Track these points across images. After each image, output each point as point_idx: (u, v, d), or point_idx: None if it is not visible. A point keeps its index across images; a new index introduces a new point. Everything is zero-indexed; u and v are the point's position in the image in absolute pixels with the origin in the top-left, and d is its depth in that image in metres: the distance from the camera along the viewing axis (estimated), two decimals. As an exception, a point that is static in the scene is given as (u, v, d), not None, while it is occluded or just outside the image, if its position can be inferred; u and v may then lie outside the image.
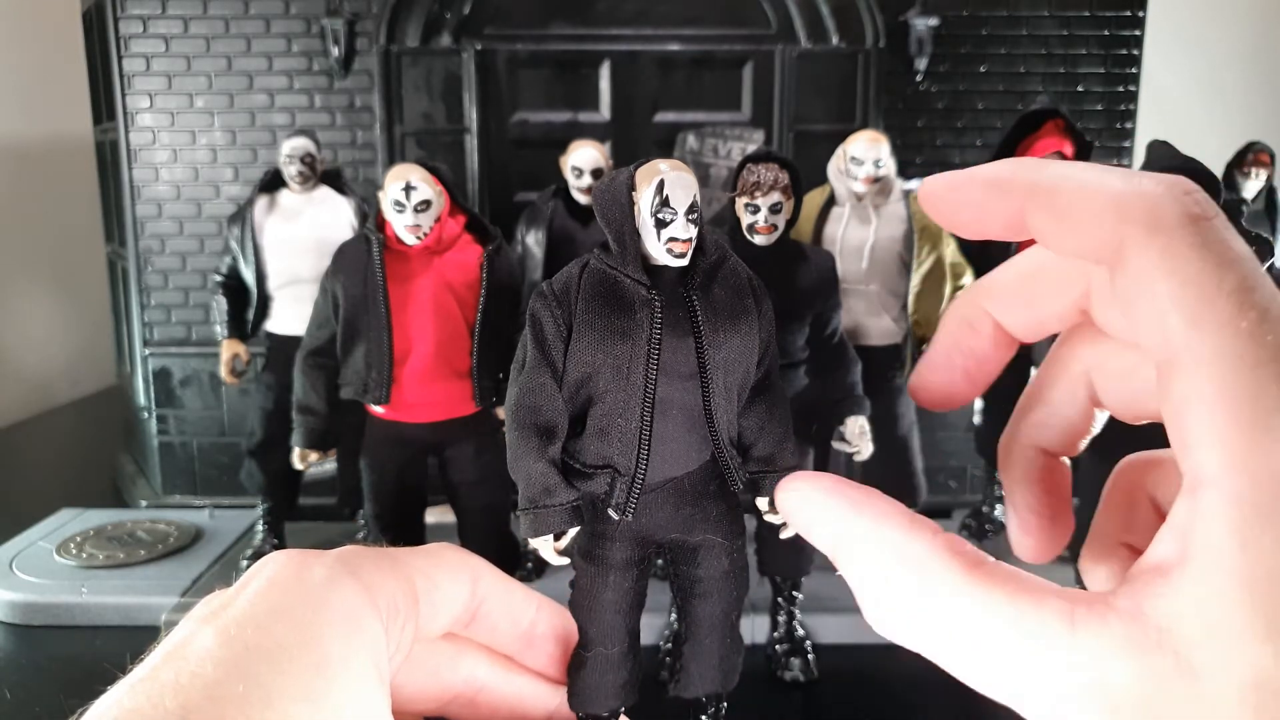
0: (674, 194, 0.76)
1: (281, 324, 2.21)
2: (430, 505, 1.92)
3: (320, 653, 0.41)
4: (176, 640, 0.41)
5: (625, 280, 0.76)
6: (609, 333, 0.74)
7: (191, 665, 0.38)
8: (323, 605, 0.43)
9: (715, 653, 0.79)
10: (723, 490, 0.80)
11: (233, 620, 0.41)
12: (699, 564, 0.82)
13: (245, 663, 0.38)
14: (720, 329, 0.76)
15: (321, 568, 0.45)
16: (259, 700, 0.37)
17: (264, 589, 0.43)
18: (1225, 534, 0.30)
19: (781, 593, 1.94)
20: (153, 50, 2.65)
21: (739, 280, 0.80)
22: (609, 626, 0.78)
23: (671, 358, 0.75)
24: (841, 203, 2.03)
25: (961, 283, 2.13)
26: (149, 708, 0.36)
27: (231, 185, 2.71)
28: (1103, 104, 2.70)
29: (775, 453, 0.81)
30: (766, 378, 0.82)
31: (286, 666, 0.39)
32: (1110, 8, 2.65)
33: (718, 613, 0.82)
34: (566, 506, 0.76)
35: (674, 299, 0.77)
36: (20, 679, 1.87)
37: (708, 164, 2.64)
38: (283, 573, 0.44)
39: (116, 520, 2.53)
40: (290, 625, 0.41)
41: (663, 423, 0.76)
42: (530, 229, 2.20)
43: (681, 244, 0.75)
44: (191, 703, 0.36)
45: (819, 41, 2.63)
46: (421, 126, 2.67)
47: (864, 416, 1.80)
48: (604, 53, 2.66)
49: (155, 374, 2.81)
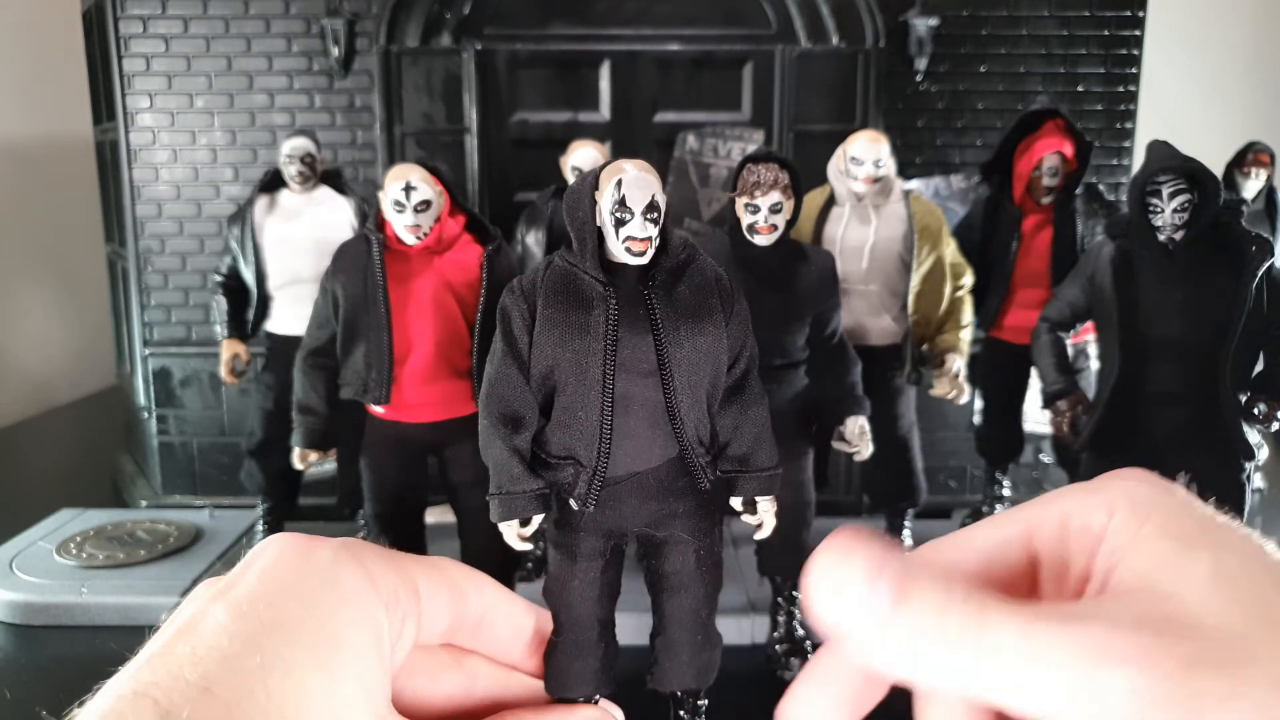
0: (631, 194, 0.77)
1: (281, 324, 2.21)
2: (430, 505, 1.92)
3: (331, 626, 0.42)
4: (186, 617, 0.42)
5: (584, 277, 0.78)
6: (567, 328, 0.76)
7: (207, 639, 0.39)
8: (330, 583, 0.44)
9: (685, 647, 0.80)
10: (691, 487, 0.81)
11: (244, 597, 0.42)
12: (665, 559, 0.83)
13: (260, 636, 0.40)
14: (681, 327, 0.77)
15: (327, 550, 0.46)
16: (277, 670, 0.38)
17: (271, 567, 0.44)
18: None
19: (781, 593, 1.94)
20: (153, 50, 2.65)
21: (705, 280, 0.80)
22: (578, 613, 0.80)
23: (630, 354, 0.77)
24: (841, 203, 2.03)
25: (961, 283, 2.13)
26: (168, 680, 0.37)
27: (231, 185, 2.71)
28: (1103, 104, 2.70)
29: (749, 453, 0.81)
30: (743, 379, 0.82)
31: (299, 639, 0.40)
32: (1110, 8, 2.65)
33: (685, 608, 0.83)
34: (531, 494, 0.79)
35: (632, 297, 0.78)
36: (20, 679, 1.87)
37: (708, 164, 2.64)
38: (289, 553, 0.45)
39: (116, 520, 2.53)
40: (300, 601, 0.42)
41: (624, 418, 0.78)
42: (530, 229, 2.20)
43: (639, 243, 0.77)
44: (211, 674, 0.37)
45: (819, 41, 2.63)
46: (421, 126, 2.67)
47: (864, 416, 1.80)
48: (604, 53, 2.66)
49: (155, 374, 2.81)
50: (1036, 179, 2.16)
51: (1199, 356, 1.61)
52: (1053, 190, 2.16)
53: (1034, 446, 2.69)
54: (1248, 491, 1.67)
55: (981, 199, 2.31)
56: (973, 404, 2.40)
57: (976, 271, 2.17)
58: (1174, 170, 1.57)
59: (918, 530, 2.32)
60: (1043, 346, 1.88)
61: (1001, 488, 2.47)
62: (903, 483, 2.19)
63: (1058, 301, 1.87)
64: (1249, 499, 1.67)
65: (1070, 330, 1.89)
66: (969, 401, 2.22)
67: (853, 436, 1.79)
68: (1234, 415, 1.60)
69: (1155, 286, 1.64)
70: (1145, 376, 1.66)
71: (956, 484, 2.82)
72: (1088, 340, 2.14)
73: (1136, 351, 1.66)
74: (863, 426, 1.80)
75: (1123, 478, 0.46)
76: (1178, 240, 1.60)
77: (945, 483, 2.80)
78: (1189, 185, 1.57)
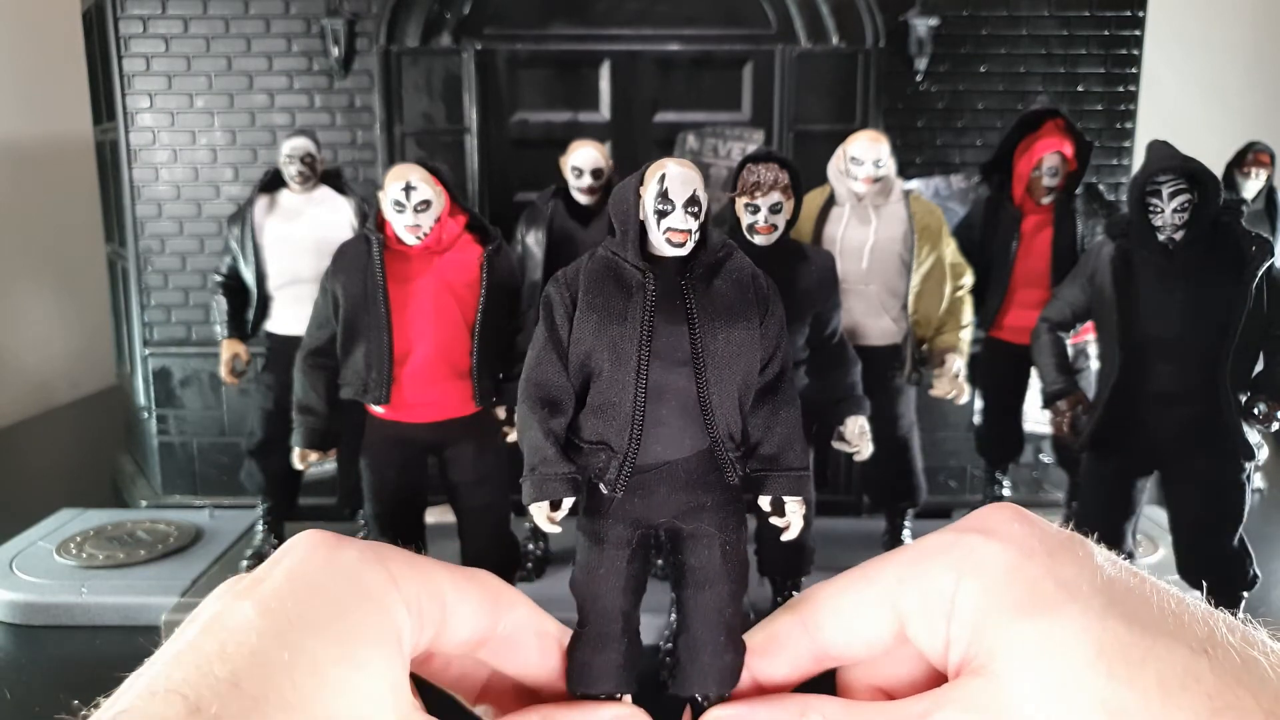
0: (673, 187, 0.80)
1: (281, 324, 2.21)
2: (430, 505, 1.92)
3: (355, 624, 0.43)
4: (211, 614, 0.42)
5: (625, 266, 0.80)
6: (605, 314, 0.79)
7: (236, 636, 0.40)
8: (355, 583, 0.45)
9: (708, 648, 0.80)
10: (720, 481, 0.82)
11: (271, 594, 0.43)
12: (692, 552, 0.84)
13: (287, 633, 0.40)
14: (716, 320, 0.79)
15: (353, 550, 0.47)
16: (304, 667, 0.39)
17: (299, 566, 0.45)
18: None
19: (781, 593, 1.94)
20: (153, 50, 2.65)
21: (743, 277, 0.82)
22: (604, 604, 0.81)
23: (665, 343, 0.79)
24: (841, 203, 2.03)
25: (961, 283, 2.13)
26: (197, 676, 0.37)
27: (231, 185, 2.71)
28: (1103, 104, 2.70)
29: (779, 453, 0.82)
30: (778, 379, 0.84)
31: (326, 636, 0.41)
32: (1110, 8, 2.65)
33: (710, 605, 0.83)
34: (564, 476, 0.80)
35: (670, 287, 0.80)
36: (20, 679, 1.87)
37: (708, 164, 2.64)
38: (317, 552, 0.46)
39: (116, 520, 2.53)
40: (327, 599, 0.43)
41: (656, 406, 0.79)
42: (530, 229, 2.20)
43: (679, 234, 0.80)
44: (240, 669, 0.38)
45: (819, 41, 2.63)
46: (421, 126, 2.67)
47: (864, 416, 1.80)
48: (604, 53, 2.66)
49: (155, 374, 2.81)
50: (1036, 179, 2.16)
51: (1199, 356, 1.61)
52: (1053, 190, 2.16)
53: (1034, 446, 2.70)
54: (1248, 491, 1.67)
55: (981, 199, 2.31)
56: (973, 404, 2.40)
57: (976, 271, 2.17)
58: (1174, 170, 1.57)
59: (918, 530, 2.32)
60: (1043, 346, 1.88)
61: (1001, 488, 2.47)
62: (903, 483, 2.19)
63: (1058, 301, 1.87)
64: (1249, 499, 1.67)
65: (1070, 330, 1.89)
66: (969, 401, 2.22)
67: (853, 436, 1.79)
68: (1234, 415, 1.60)
69: (1155, 286, 1.64)
70: (1145, 376, 1.66)
71: (956, 484, 2.82)
72: (1088, 340, 2.14)
73: (1136, 351, 1.66)
74: (863, 426, 1.80)
75: (976, 529, 0.49)
76: (1178, 240, 1.60)
77: (945, 483, 2.80)
78: (1189, 185, 1.57)
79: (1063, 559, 0.45)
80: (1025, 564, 0.45)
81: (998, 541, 0.47)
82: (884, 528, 2.32)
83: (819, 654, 0.57)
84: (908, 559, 0.52)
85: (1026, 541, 0.46)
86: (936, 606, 0.47)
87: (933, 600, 0.47)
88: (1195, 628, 0.41)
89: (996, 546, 0.46)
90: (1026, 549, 0.46)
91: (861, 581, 0.53)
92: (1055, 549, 0.46)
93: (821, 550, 1.95)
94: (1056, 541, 0.46)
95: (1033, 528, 0.48)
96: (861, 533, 2.45)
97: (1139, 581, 0.44)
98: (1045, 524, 0.49)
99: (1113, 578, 0.43)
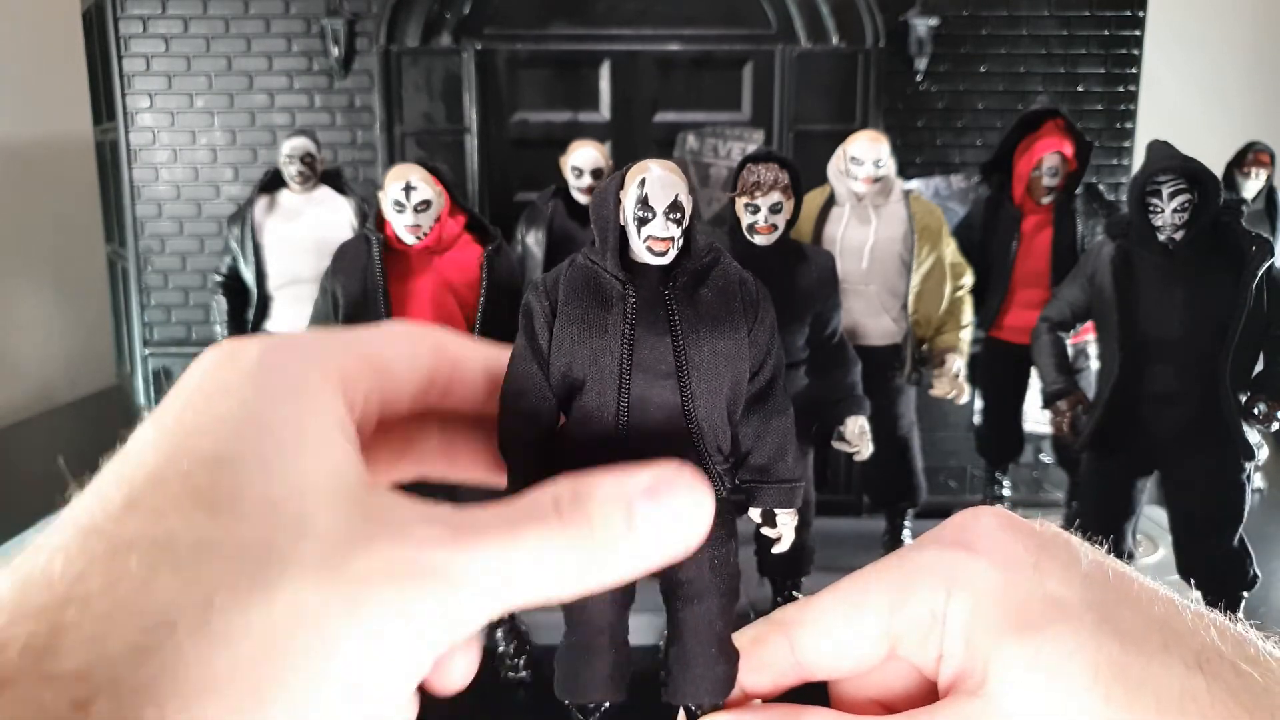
0: (654, 193, 0.78)
1: (281, 324, 2.21)
2: (430, 505, 1.92)
3: (270, 419, 0.36)
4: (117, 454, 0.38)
5: (604, 275, 0.78)
6: (585, 325, 0.77)
7: (131, 460, 0.35)
8: (263, 377, 0.38)
9: (698, 660, 0.79)
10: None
11: (165, 411, 0.37)
12: (679, 566, 0.83)
13: (188, 443, 0.35)
14: (701, 331, 0.77)
15: (254, 346, 0.40)
16: (204, 480, 0.33)
17: (191, 377, 0.39)
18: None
19: (781, 593, 1.94)
20: (153, 50, 2.65)
21: (729, 284, 0.80)
22: (591, 616, 0.80)
23: (648, 355, 0.77)
24: (841, 203, 2.03)
25: (961, 283, 2.13)
26: (97, 506, 0.33)
27: (231, 185, 2.71)
28: (1103, 104, 2.70)
29: (770, 464, 0.81)
30: (769, 387, 0.82)
31: (233, 438, 0.35)
32: (1110, 8, 2.65)
33: (700, 619, 0.82)
34: None
35: (652, 297, 0.79)
36: (20, 679, 1.87)
37: (708, 164, 2.64)
38: (211, 360, 0.40)
39: (116, 520, 2.52)
40: (232, 400, 0.37)
41: (641, 418, 0.78)
42: (530, 229, 2.20)
43: (660, 242, 0.77)
44: (136, 492, 0.33)
45: (819, 41, 2.63)
46: (421, 126, 2.67)
47: (864, 416, 1.80)
48: (604, 53, 2.66)
49: (155, 374, 2.81)
50: (1036, 179, 2.16)
51: (1199, 356, 1.61)
52: (1053, 190, 2.16)
53: (1034, 446, 2.69)
54: (1248, 491, 1.67)
55: (981, 199, 2.31)
56: (973, 404, 2.40)
57: (976, 271, 2.17)
58: (1174, 170, 1.57)
59: (918, 530, 2.32)
60: (1043, 346, 1.88)
61: (1001, 488, 2.47)
62: (903, 483, 2.19)
63: (1058, 301, 1.87)
64: (1249, 499, 1.67)
65: (1070, 330, 1.89)
66: (969, 401, 2.22)
67: (853, 436, 1.79)
68: (1234, 415, 1.60)
69: (1155, 286, 1.64)
70: (1145, 376, 1.66)
71: (956, 484, 2.82)
72: (1088, 340, 2.14)
73: (1136, 351, 1.65)
74: (863, 426, 1.80)
75: (960, 544, 0.48)
76: (1178, 240, 1.60)
77: (945, 483, 2.80)
78: (1189, 185, 1.57)
79: (1049, 569, 0.44)
80: (1013, 579, 0.44)
81: (984, 557, 0.46)
82: (884, 528, 2.32)
83: (803, 672, 0.56)
84: (895, 582, 0.51)
85: (1012, 552, 0.45)
86: (928, 625, 0.47)
87: (924, 620, 0.46)
88: (1189, 639, 0.40)
89: (983, 562, 0.45)
90: (1013, 561, 0.45)
91: (846, 606, 0.52)
92: (1042, 558, 0.45)
93: (821, 550, 1.95)
94: (1042, 549, 0.45)
95: (1017, 534, 0.47)
96: (861, 533, 2.45)
97: (1126, 584, 0.43)
98: (1030, 527, 0.48)
99: (1101, 584, 0.43)
